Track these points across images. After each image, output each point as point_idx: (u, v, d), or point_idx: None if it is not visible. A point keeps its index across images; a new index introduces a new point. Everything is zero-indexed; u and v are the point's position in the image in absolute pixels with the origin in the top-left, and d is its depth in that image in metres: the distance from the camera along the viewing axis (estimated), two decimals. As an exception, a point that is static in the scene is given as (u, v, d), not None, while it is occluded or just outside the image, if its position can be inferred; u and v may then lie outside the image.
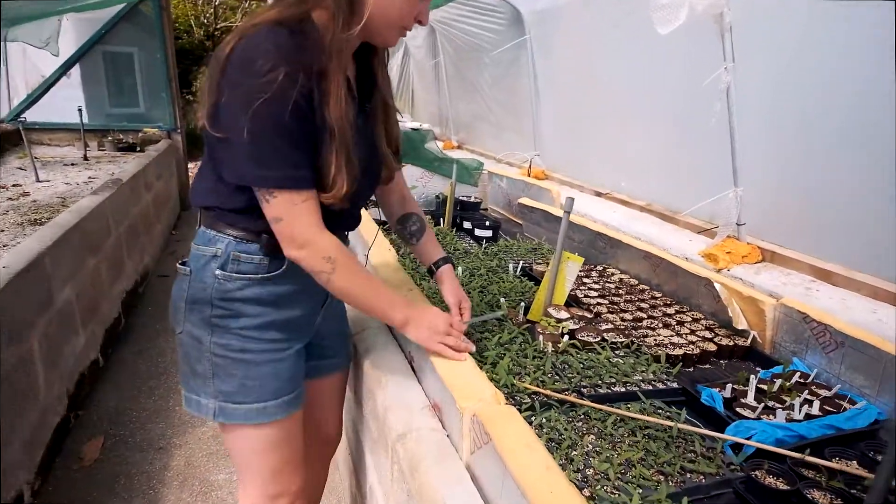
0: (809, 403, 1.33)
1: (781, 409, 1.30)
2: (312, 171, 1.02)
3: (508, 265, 2.21)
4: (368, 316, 1.31)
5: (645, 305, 1.89)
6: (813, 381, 1.46)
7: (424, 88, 6.12)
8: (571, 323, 1.64)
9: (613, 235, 2.31)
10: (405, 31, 1.08)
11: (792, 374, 1.47)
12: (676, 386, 1.42)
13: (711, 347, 1.61)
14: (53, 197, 3.33)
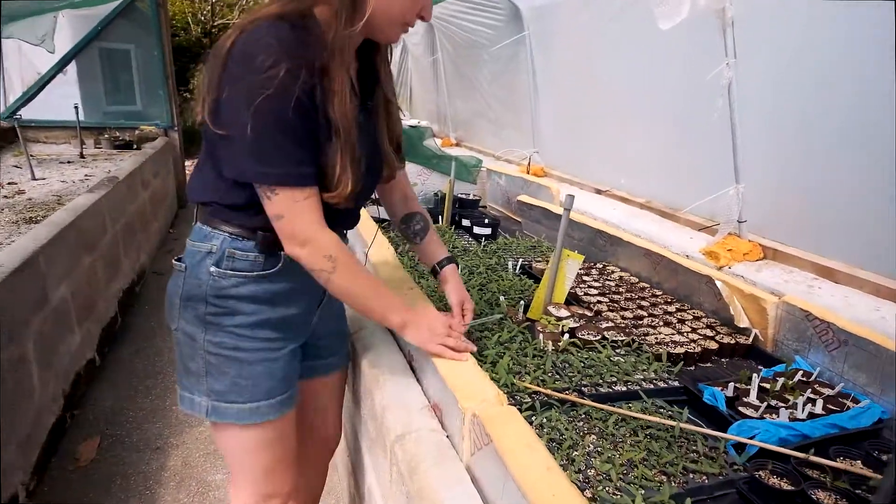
0: (812, 402, 1.31)
1: (784, 408, 1.29)
2: (314, 167, 1.01)
3: (508, 263, 2.19)
4: (366, 318, 1.29)
5: (645, 303, 1.88)
6: (815, 379, 1.45)
7: (422, 86, 6.09)
8: (572, 321, 1.62)
9: (613, 233, 2.29)
10: (407, 27, 1.07)
11: (794, 372, 1.46)
12: (678, 385, 1.41)
13: (713, 346, 1.60)
14: (49, 195, 3.30)
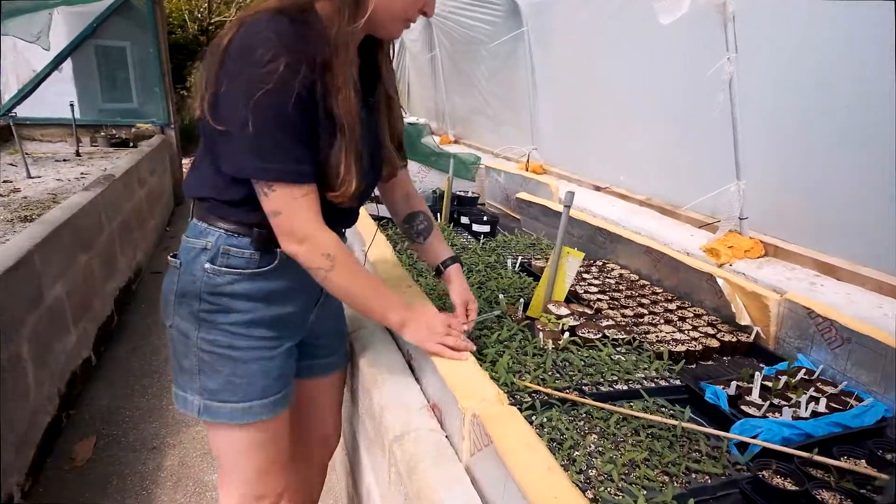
0: (815, 401, 1.30)
1: (787, 406, 1.27)
2: (314, 164, 0.99)
3: (507, 261, 2.17)
4: (364, 316, 1.28)
5: (646, 301, 1.86)
6: (818, 377, 1.43)
7: (420, 83, 6.06)
8: (572, 319, 1.61)
9: (613, 230, 2.28)
10: (409, 22, 1.06)
11: (797, 370, 1.45)
12: (679, 383, 1.39)
13: (714, 343, 1.58)
14: (44, 193, 3.27)
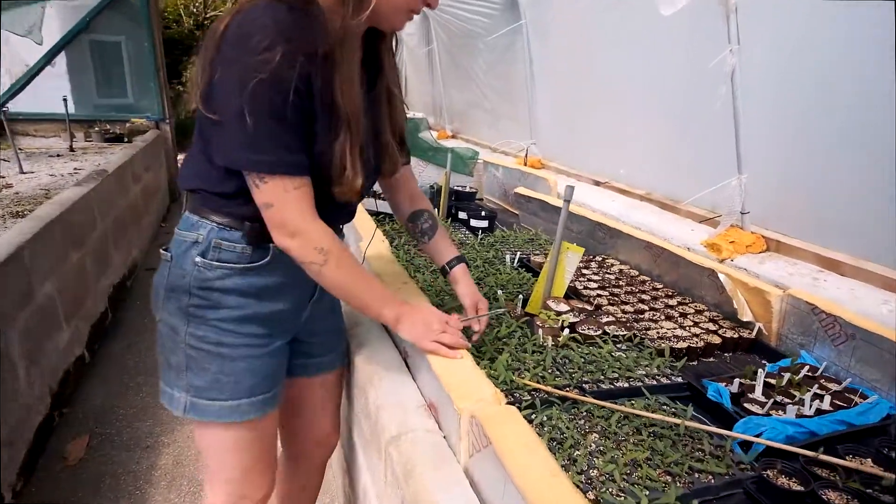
0: (819, 398, 1.28)
1: (791, 404, 1.25)
2: (307, 157, 0.97)
3: (505, 256, 2.15)
4: (359, 312, 1.25)
5: (646, 297, 1.84)
6: (822, 374, 1.41)
7: (418, 77, 6.01)
8: (571, 316, 1.58)
9: (613, 225, 2.25)
10: (413, 14, 1.04)
11: (800, 367, 1.42)
12: (681, 381, 1.37)
13: (716, 340, 1.56)
14: (37, 189, 3.23)
